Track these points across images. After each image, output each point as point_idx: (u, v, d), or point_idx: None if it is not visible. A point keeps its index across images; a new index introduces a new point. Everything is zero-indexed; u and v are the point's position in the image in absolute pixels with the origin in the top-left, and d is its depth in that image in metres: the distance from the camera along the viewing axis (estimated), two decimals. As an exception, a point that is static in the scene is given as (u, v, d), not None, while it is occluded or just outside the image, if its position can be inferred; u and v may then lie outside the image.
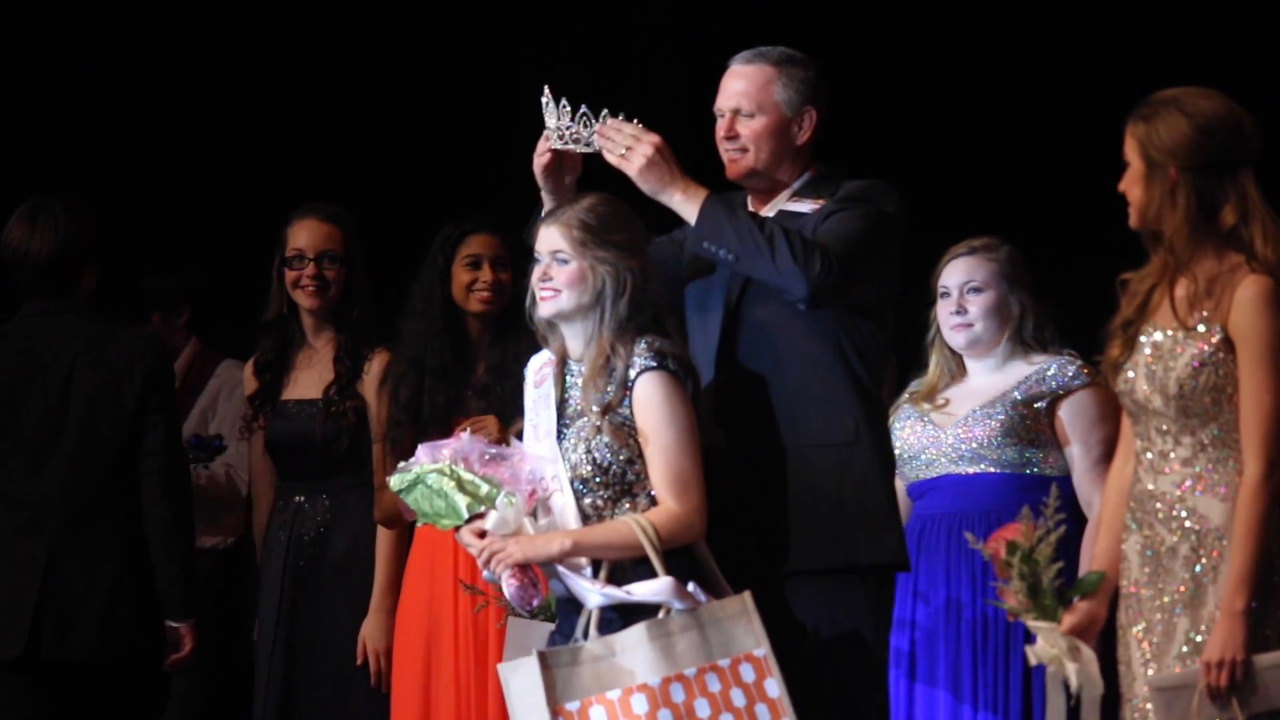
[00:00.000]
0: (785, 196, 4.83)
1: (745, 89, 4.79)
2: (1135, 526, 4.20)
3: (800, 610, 4.65)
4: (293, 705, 5.78)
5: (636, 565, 4.44)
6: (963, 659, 5.44)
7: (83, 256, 5.29)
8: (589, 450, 4.50)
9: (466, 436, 4.57)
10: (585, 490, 4.50)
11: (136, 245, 6.79)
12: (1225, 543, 4.08)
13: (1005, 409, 5.48)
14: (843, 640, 4.66)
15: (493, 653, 5.44)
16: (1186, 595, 4.12)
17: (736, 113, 4.79)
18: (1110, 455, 4.48)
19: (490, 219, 5.74)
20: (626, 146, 4.64)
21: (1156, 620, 4.14)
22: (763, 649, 4.40)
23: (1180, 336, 4.14)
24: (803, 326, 4.70)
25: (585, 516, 4.48)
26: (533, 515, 4.49)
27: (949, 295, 5.57)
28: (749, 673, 4.39)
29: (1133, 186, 4.19)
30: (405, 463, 4.57)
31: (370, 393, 5.77)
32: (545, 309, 4.58)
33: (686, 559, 4.48)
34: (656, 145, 4.64)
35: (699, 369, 4.62)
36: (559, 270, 4.55)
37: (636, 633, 4.36)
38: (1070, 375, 5.49)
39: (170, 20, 7.71)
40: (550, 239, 4.57)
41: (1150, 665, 4.14)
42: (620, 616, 4.41)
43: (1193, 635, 4.10)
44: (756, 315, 4.75)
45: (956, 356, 5.63)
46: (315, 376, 5.86)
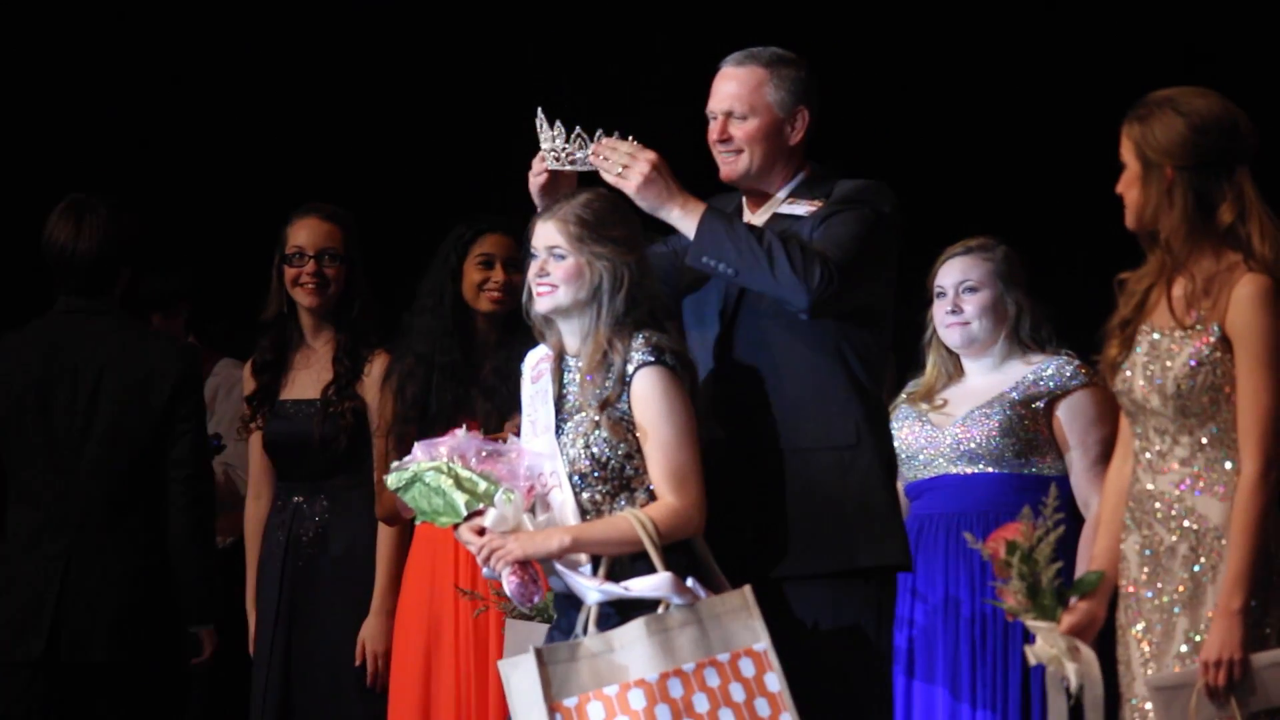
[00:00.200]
0: (780, 198, 4.82)
1: (737, 91, 4.78)
2: (1134, 526, 4.20)
3: (802, 610, 4.64)
4: (291, 705, 5.78)
5: (635, 561, 4.44)
6: (961, 657, 5.44)
7: (123, 257, 5.30)
8: (587, 445, 4.49)
9: (463, 433, 4.56)
10: (584, 486, 4.49)
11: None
12: (1224, 542, 4.08)
13: (1003, 409, 5.48)
14: (845, 639, 4.65)
15: (493, 652, 5.44)
16: (1186, 595, 4.11)
17: (729, 115, 4.78)
18: (1108, 455, 4.47)
19: (504, 219, 5.74)
20: (623, 164, 4.64)
21: (1156, 620, 4.14)
22: (763, 644, 4.39)
23: (1178, 336, 4.14)
24: (802, 330, 4.69)
25: (584, 512, 4.47)
26: (531, 511, 4.48)
27: (945, 295, 5.57)
28: (749, 667, 4.37)
29: (1129, 188, 4.18)
30: (401, 460, 4.57)
31: (370, 393, 5.77)
32: (542, 304, 4.58)
33: (685, 554, 4.47)
34: (653, 162, 4.63)
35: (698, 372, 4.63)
36: (556, 266, 4.55)
37: (635, 628, 4.35)
38: (1068, 375, 5.49)
39: (170, 20, 7.71)
40: (547, 234, 4.57)
41: (1149, 665, 4.14)
42: (619, 612, 4.41)
43: (1192, 635, 4.10)
44: (755, 319, 4.75)
45: (954, 357, 5.63)
46: (314, 377, 5.86)
